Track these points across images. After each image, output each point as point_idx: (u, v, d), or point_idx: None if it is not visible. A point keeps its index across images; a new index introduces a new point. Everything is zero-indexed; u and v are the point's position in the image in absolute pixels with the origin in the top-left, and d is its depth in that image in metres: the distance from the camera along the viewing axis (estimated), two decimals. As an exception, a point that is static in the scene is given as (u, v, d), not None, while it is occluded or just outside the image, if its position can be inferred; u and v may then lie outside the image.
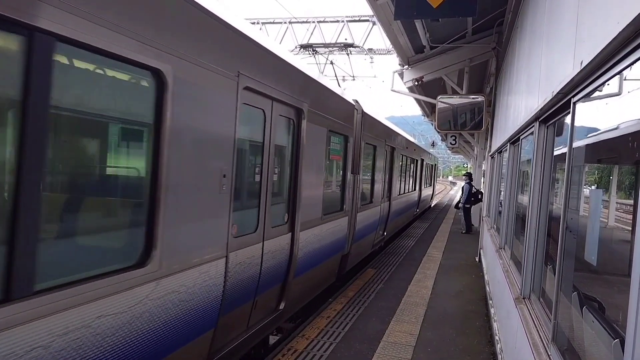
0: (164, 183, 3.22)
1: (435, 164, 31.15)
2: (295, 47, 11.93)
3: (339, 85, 9.11)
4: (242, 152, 4.52)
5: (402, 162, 14.89)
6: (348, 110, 8.14)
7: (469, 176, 17.62)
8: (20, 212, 2.27)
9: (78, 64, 2.69)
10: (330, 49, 11.52)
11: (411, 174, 17.98)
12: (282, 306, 5.65)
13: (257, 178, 4.82)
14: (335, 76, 10.63)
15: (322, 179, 6.77)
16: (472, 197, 16.84)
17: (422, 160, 21.71)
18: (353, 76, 16.75)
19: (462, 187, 17.40)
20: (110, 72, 2.92)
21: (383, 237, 12.51)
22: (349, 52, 12.83)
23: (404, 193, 15.99)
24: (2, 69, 2.26)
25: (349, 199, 8.36)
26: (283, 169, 5.58)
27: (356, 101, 8.90)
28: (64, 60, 2.52)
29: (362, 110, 9.13)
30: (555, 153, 3.98)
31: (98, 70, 2.84)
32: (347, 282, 9.14)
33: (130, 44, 2.81)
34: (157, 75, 3.13)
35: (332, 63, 10.87)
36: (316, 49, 11.15)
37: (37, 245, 2.37)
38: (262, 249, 4.90)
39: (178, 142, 3.35)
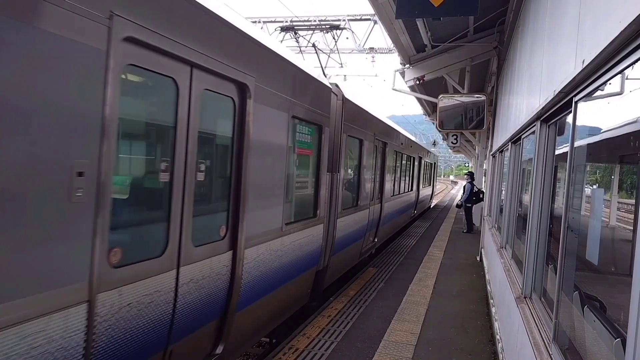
0: None
1: (435, 163, 29.61)
2: (275, 30, 10.34)
3: (325, 75, 7.77)
4: (126, 137, 3.23)
5: (396, 159, 13.52)
6: (322, 94, 6.68)
7: (470, 175, 17.64)
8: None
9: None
10: (314, 30, 10.23)
11: (408, 172, 16.73)
12: (219, 350, 4.32)
13: (164, 178, 3.45)
14: (320, 63, 9.23)
15: (282, 180, 5.29)
16: (473, 196, 16.83)
17: (421, 159, 20.52)
18: (341, 63, 16.01)
19: (464, 186, 17.41)
20: None
21: (374, 243, 11.35)
22: (334, 34, 11.85)
23: (399, 194, 14.61)
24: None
25: (325, 203, 6.99)
26: (216, 165, 4.27)
27: (336, 85, 7.58)
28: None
29: (343, 96, 7.65)
30: (557, 152, 3.97)
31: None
32: (346, 282, 9.14)
33: None
34: None
35: (314, 46, 9.33)
36: (298, 31, 9.57)
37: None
38: (177, 278, 3.54)
39: None
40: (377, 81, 25.42)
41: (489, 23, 10.15)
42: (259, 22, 18.34)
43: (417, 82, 12.81)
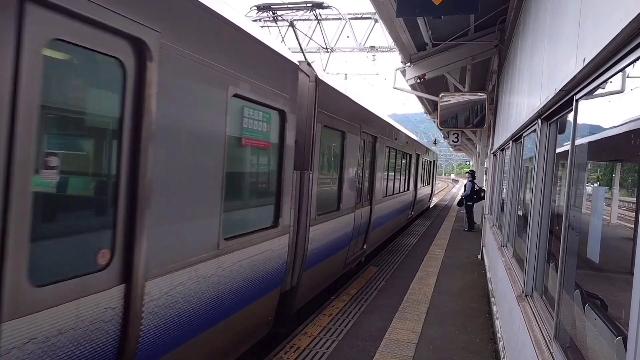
0: None
1: (434, 161, 28.11)
2: (251, 9, 8.85)
3: (308, 63, 6.34)
4: None
5: (389, 156, 12.18)
6: (285, 72, 5.33)
7: (472, 174, 17.66)
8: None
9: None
10: (295, 10, 9.02)
11: (403, 171, 15.46)
12: None
13: None
14: (299, 44, 8.15)
15: (218, 180, 3.97)
16: (474, 194, 16.85)
17: (419, 156, 19.34)
18: (327, 48, 15.07)
19: (465, 185, 17.43)
20: None
21: (363, 250, 9.93)
22: (319, 16, 10.74)
23: (393, 194, 13.35)
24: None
25: (290, 208, 5.63)
26: (85, 158, 2.98)
27: (307, 64, 6.26)
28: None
29: (317, 78, 6.29)
30: (558, 150, 3.97)
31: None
32: (348, 280, 9.15)
33: None
34: None
35: (292, 26, 8.24)
36: (277, 11, 8.40)
37: None
38: None
39: None
40: (378, 80, 25.44)
41: (489, 21, 10.15)
42: (260, 20, 18.31)
43: (418, 81, 12.82)
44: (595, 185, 3.18)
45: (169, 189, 3.35)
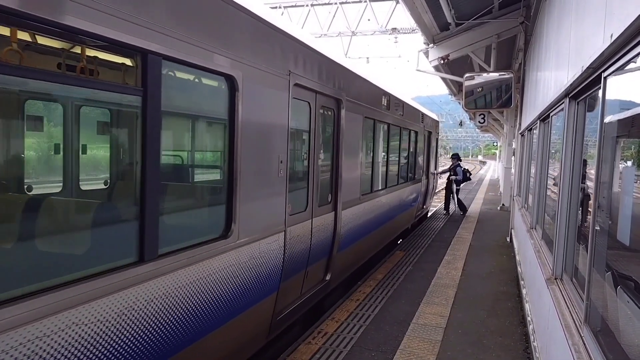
0: None
1: (429, 132, 14.65)
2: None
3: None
4: None
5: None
6: None
7: (457, 157, 17.27)
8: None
9: None
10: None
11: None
12: None
13: None
14: None
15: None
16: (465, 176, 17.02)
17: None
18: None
19: (455, 169, 16.58)
20: None
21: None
22: None
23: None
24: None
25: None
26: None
27: None
28: None
29: None
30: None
31: None
32: (374, 266, 9.16)
33: None
34: None
35: None
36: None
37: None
38: None
39: None
40: (401, 62, 25.06)
41: (514, -2, 9.87)
42: (280, 7, 18.26)
43: (442, 62, 12.60)
44: (627, 164, 3.08)
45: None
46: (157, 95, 3.10)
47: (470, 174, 17.13)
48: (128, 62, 3.20)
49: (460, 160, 17.26)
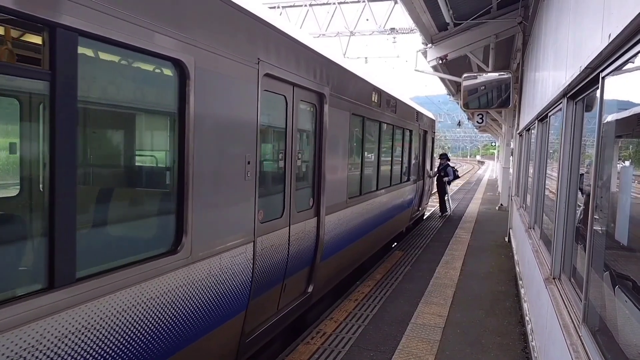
0: None
1: (425, 132, 14.22)
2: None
3: None
4: None
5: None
6: None
7: (445, 156, 17.01)
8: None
9: None
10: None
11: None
12: None
13: None
14: None
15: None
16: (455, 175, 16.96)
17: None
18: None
19: (444, 168, 16.23)
20: None
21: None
22: None
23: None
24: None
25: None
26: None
27: None
28: None
29: None
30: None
31: None
32: (373, 265, 9.16)
33: None
34: None
35: None
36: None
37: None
38: None
39: None
40: (399, 62, 25.07)
41: (512, -2, 9.88)
42: (278, 7, 18.25)
43: (440, 62, 12.59)
44: (625, 164, 3.09)
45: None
46: (71, 80, 2.49)
47: (457, 171, 17.24)
48: (35, 39, 2.48)
49: (449, 160, 17.07)
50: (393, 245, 11.58)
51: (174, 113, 3.39)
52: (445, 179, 16.07)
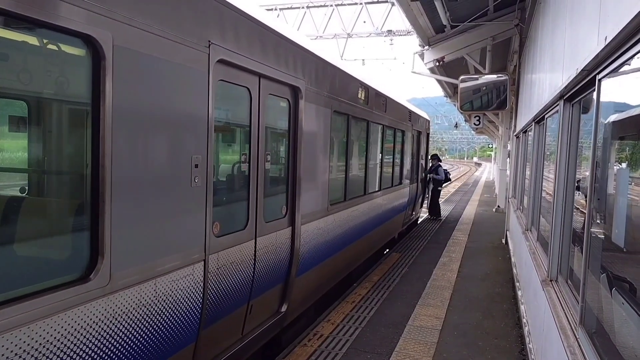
0: None
1: (419, 132, 13.50)
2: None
3: None
4: None
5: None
6: None
7: (437, 157, 16.51)
8: None
9: None
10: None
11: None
12: None
13: None
14: None
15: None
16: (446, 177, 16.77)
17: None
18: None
19: (437, 170, 15.75)
20: None
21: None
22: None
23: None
24: None
25: None
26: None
27: None
28: None
29: None
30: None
31: None
32: (369, 268, 9.16)
33: None
34: None
35: None
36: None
37: None
38: None
39: None
40: (396, 64, 25.15)
41: (509, 0, 9.90)
42: (275, 9, 18.27)
43: (437, 64, 12.63)
44: (621, 166, 3.09)
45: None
46: None
47: (449, 174, 17.02)
48: None
49: (440, 161, 16.79)
50: (385, 252, 11.01)
51: (86, 104, 2.67)
52: (437, 176, 15.53)
